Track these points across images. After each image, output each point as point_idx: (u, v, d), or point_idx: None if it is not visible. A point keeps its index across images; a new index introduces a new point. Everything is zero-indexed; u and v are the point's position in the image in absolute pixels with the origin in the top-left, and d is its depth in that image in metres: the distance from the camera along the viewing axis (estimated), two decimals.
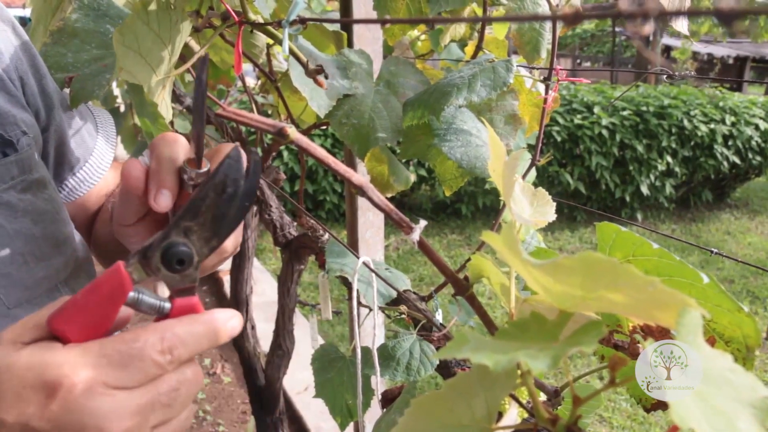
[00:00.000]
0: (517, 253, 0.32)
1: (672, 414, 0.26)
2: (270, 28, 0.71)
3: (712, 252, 0.86)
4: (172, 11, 0.63)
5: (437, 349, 0.82)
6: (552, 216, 0.49)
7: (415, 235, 0.39)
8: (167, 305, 0.48)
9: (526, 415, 0.50)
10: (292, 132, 0.36)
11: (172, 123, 2.14)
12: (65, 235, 0.75)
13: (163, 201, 0.54)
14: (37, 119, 0.73)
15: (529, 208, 0.48)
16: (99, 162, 0.88)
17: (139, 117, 0.69)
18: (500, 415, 0.51)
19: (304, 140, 0.37)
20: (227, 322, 0.49)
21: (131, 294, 0.46)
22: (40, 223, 0.70)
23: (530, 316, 0.34)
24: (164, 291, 0.51)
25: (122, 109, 2.30)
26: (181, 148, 0.56)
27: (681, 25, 0.74)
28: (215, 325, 0.48)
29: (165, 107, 0.66)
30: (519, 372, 0.34)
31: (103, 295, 0.45)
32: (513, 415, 0.47)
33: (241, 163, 0.47)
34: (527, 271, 0.33)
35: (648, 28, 0.18)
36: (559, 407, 0.54)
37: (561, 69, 0.89)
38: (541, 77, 0.91)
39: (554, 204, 0.50)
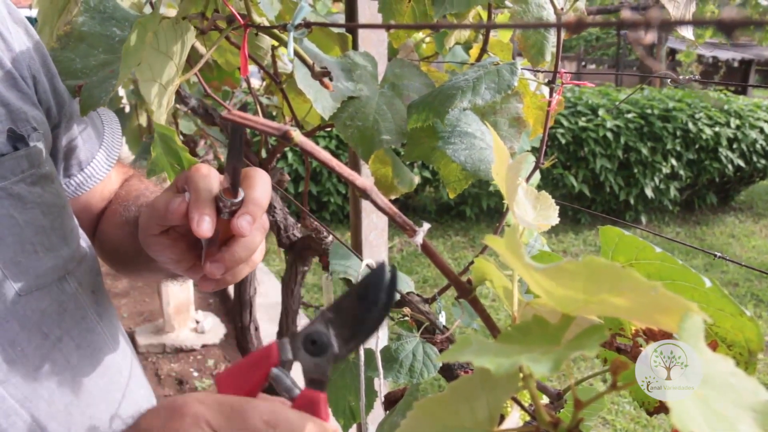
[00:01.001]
0: (519, 256, 0.32)
1: (672, 417, 0.26)
2: (276, 31, 0.72)
3: (715, 255, 0.86)
4: (176, 25, 0.63)
5: (440, 351, 0.82)
6: (555, 219, 0.49)
7: (419, 238, 0.39)
8: (297, 390, 0.54)
9: (528, 418, 0.50)
10: (296, 135, 0.36)
11: (176, 125, 2.14)
12: (71, 228, 0.78)
13: (205, 226, 0.60)
14: (48, 117, 0.76)
15: (532, 211, 0.48)
16: (105, 159, 0.91)
17: (166, 157, 0.71)
18: (502, 418, 0.51)
19: (308, 143, 0.37)
20: None
21: (274, 370, 0.53)
22: (49, 215, 0.73)
23: (532, 319, 0.34)
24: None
25: (127, 109, 2.30)
26: (214, 179, 0.63)
27: (686, 30, 0.74)
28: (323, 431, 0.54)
29: (162, 112, 0.67)
30: (521, 375, 0.34)
31: (254, 360, 0.54)
32: (515, 418, 0.47)
33: (383, 275, 0.51)
34: (530, 274, 0.33)
35: (650, 36, 0.18)
36: (561, 410, 0.54)
37: (565, 72, 0.89)
38: (546, 80, 0.92)
39: (557, 207, 0.50)
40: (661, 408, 0.56)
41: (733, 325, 0.45)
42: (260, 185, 0.64)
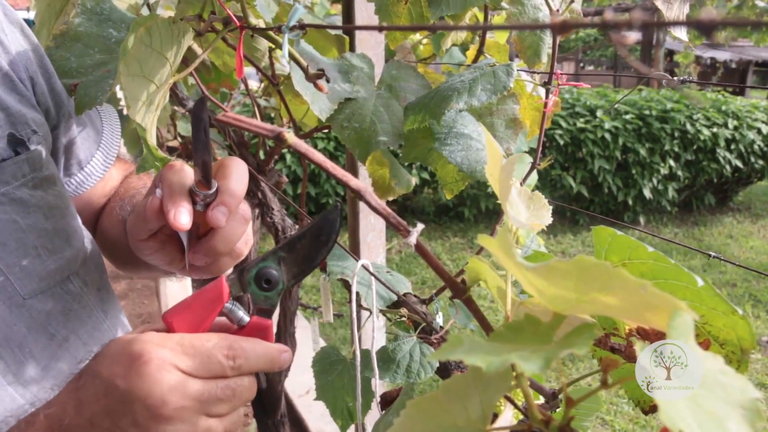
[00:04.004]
0: (511, 256, 0.32)
1: (661, 416, 0.26)
2: (271, 33, 0.72)
3: (710, 255, 0.86)
4: (173, 25, 0.64)
5: None
6: (548, 219, 0.49)
7: (412, 239, 0.40)
8: (246, 319, 0.59)
9: (521, 417, 0.50)
10: (290, 137, 0.37)
11: (174, 126, 2.14)
12: (74, 229, 0.79)
13: (183, 219, 0.61)
14: (47, 118, 0.76)
15: (525, 211, 0.49)
16: (105, 156, 0.92)
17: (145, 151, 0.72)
18: (495, 416, 0.51)
19: (302, 145, 0.37)
20: (282, 354, 0.60)
21: (227, 304, 0.58)
22: (51, 218, 0.73)
23: (524, 318, 0.35)
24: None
25: (125, 111, 2.30)
26: (187, 173, 0.64)
27: (680, 32, 0.74)
28: (274, 354, 0.59)
29: (152, 110, 0.67)
30: (514, 374, 0.35)
31: (206, 299, 0.57)
32: (508, 416, 0.47)
33: (337, 219, 0.57)
34: (522, 273, 0.34)
35: (633, 37, 0.19)
36: (557, 410, 0.55)
37: (562, 73, 0.90)
38: (542, 81, 0.92)
39: (550, 207, 0.50)
40: (657, 407, 0.56)
41: (726, 324, 0.45)
42: (234, 175, 0.64)
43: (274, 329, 0.62)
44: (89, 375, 0.56)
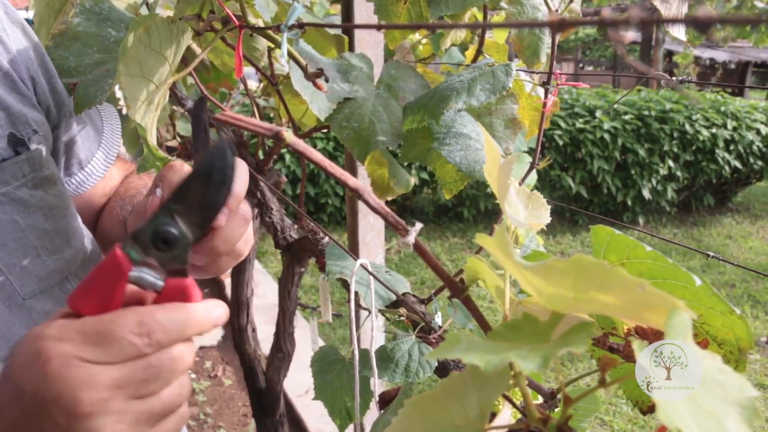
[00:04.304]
0: (509, 255, 0.32)
1: (659, 414, 0.26)
2: (270, 32, 0.72)
3: (708, 255, 0.86)
4: (172, 25, 0.64)
5: None
6: (547, 219, 0.49)
7: (411, 238, 0.40)
8: (160, 283, 0.51)
9: (519, 416, 0.50)
10: (288, 136, 0.37)
11: (173, 126, 2.15)
12: (74, 229, 0.78)
13: None
14: (47, 117, 0.76)
15: (524, 211, 0.49)
16: (105, 156, 0.92)
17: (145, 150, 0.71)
18: (493, 415, 0.51)
19: (300, 144, 0.37)
20: (211, 311, 0.53)
21: (133, 273, 0.50)
22: (51, 217, 0.73)
23: (522, 317, 0.35)
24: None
25: (125, 111, 2.30)
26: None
27: (678, 31, 0.74)
28: (197, 314, 0.52)
29: (151, 110, 0.67)
30: (512, 373, 0.35)
31: (105, 274, 0.50)
32: (506, 415, 0.47)
33: (227, 153, 0.50)
34: (520, 273, 0.34)
35: (630, 36, 0.18)
36: (556, 409, 0.55)
37: (561, 73, 0.90)
38: (541, 81, 0.92)
39: (549, 207, 0.50)
40: (655, 407, 0.56)
41: (724, 324, 0.45)
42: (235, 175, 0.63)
43: (197, 288, 0.52)
44: (2, 379, 0.51)
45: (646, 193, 5.89)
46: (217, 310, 0.54)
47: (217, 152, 0.50)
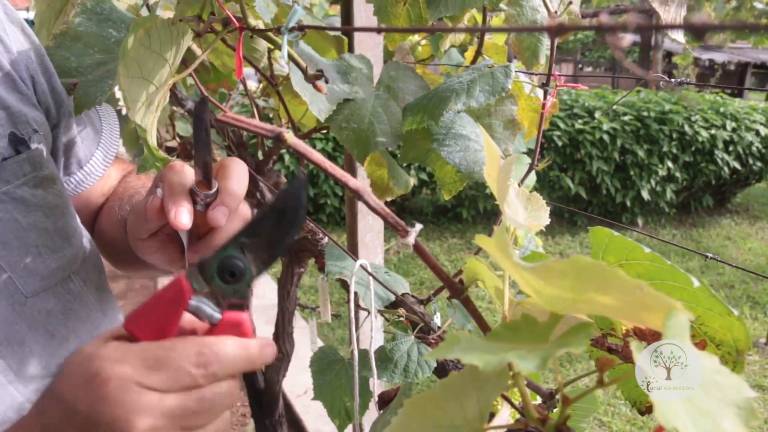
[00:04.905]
0: (508, 256, 0.33)
1: (656, 414, 0.26)
2: (270, 34, 0.72)
3: (707, 257, 0.87)
4: (173, 27, 0.64)
5: None
6: (546, 220, 0.49)
7: (411, 239, 0.40)
8: (217, 315, 0.52)
9: (518, 416, 0.50)
10: (290, 137, 0.37)
11: (173, 126, 2.15)
12: (74, 228, 0.79)
13: (183, 218, 0.59)
14: (47, 117, 0.76)
15: (523, 212, 0.49)
16: (104, 155, 0.92)
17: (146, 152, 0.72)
18: (492, 415, 0.51)
19: (301, 145, 0.37)
20: (263, 349, 0.53)
21: (192, 302, 0.51)
22: (52, 216, 0.74)
23: (521, 318, 0.35)
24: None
25: (124, 111, 2.30)
26: (187, 174, 0.62)
27: (677, 34, 0.74)
28: (253, 351, 0.52)
29: (151, 111, 0.67)
30: (511, 373, 0.35)
31: (165, 301, 0.51)
32: (505, 415, 0.47)
33: (302, 192, 0.51)
34: (519, 273, 0.34)
35: (626, 40, 0.19)
36: (554, 410, 0.55)
37: (560, 75, 0.90)
38: (540, 83, 0.92)
39: (548, 208, 0.50)
40: (653, 407, 0.56)
41: (722, 325, 0.45)
42: (235, 175, 0.63)
43: (253, 324, 0.54)
44: (51, 397, 0.52)
45: (645, 194, 5.90)
46: (269, 348, 0.54)
47: (293, 191, 0.50)
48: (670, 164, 5.90)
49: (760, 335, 3.92)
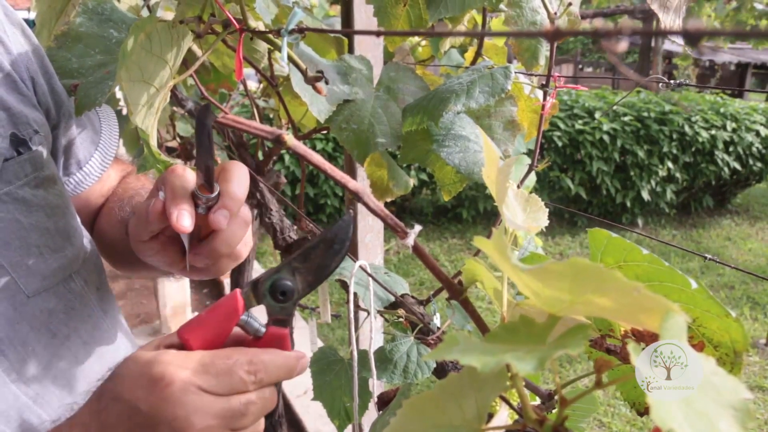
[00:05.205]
0: (506, 257, 0.33)
1: (652, 415, 0.27)
2: (270, 36, 0.72)
3: (706, 258, 0.87)
4: (173, 29, 0.64)
5: None
6: (544, 221, 0.50)
7: (410, 240, 0.40)
8: (262, 330, 0.59)
9: (516, 417, 0.51)
10: (289, 139, 0.37)
11: (173, 127, 2.15)
12: (75, 228, 0.79)
13: (185, 221, 0.61)
14: (47, 118, 0.77)
15: (521, 213, 0.49)
16: (103, 156, 0.92)
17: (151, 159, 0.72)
18: (491, 416, 0.51)
19: (300, 147, 0.37)
20: (300, 360, 0.60)
21: (242, 316, 0.57)
22: (53, 216, 0.74)
23: (519, 319, 0.35)
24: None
25: (124, 111, 2.31)
26: (189, 177, 0.64)
27: (676, 36, 0.74)
28: (292, 362, 0.59)
29: (152, 113, 0.67)
30: (509, 374, 0.35)
31: (221, 314, 0.57)
32: (503, 416, 0.48)
33: (350, 228, 0.57)
34: (517, 275, 0.34)
35: (623, 45, 0.19)
36: (553, 410, 0.55)
37: (559, 76, 0.90)
38: (540, 84, 0.92)
39: (547, 210, 0.51)
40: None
41: (719, 326, 0.45)
42: (236, 178, 0.64)
43: (293, 339, 0.61)
44: (110, 398, 0.56)
45: (646, 195, 5.90)
46: (304, 360, 0.60)
47: (343, 225, 0.57)
48: (670, 165, 5.90)
49: (761, 336, 3.92)
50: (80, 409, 0.58)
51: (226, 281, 3.85)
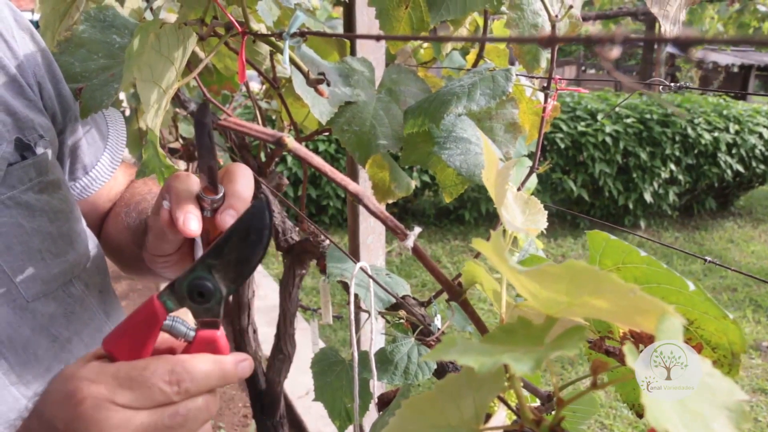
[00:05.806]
0: (504, 260, 0.33)
1: (647, 416, 0.27)
2: (272, 39, 0.73)
3: (705, 260, 0.87)
4: (179, 30, 0.65)
5: None
6: (544, 224, 0.50)
7: (410, 242, 0.40)
8: (192, 333, 0.55)
9: (515, 418, 0.51)
10: (290, 141, 0.37)
11: (176, 128, 2.15)
12: (78, 233, 0.79)
13: (192, 224, 0.60)
14: (53, 122, 0.77)
15: (520, 215, 0.49)
16: (110, 160, 0.93)
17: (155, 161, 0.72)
18: (488, 416, 0.52)
19: (301, 149, 0.38)
20: (238, 364, 0.56)
21: (166, 321, 0.54)
22: (56, 221, 0.74)
23: (517, 320, 0.35)
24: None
25: (128, 113, 2.31)
26: (193, 181, 0.63)
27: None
28: (225, 367, 0.54)
29: (159, 115, 0.68)
30: (507, 375, 0.35)
31: (140, 321, 0.53)
32: (501, 416, 0.48)
33: (265, 214, 0.53)
34: (515, 277, 0.34)
35: (616, 52, 0.19)
36: (553, 411, 0.55)
37: (561, 78, 0.90)
38: (541, 86, 0.93)
39: (546, 212, 0.51)
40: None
41: (717, 328, 0.45)
42: (240, 179, 0.64)
43: (226, 340, 0.57)
44: (35, 416, 0.54)
45: (648, 197, 5.89)
46: (244, 364, 0.56)
47: (255, 212, 0.53)
48: (672, 167, 5.89)
49: (763, 338, 3.92)
50: (19, 427, 0.56)
51: None
